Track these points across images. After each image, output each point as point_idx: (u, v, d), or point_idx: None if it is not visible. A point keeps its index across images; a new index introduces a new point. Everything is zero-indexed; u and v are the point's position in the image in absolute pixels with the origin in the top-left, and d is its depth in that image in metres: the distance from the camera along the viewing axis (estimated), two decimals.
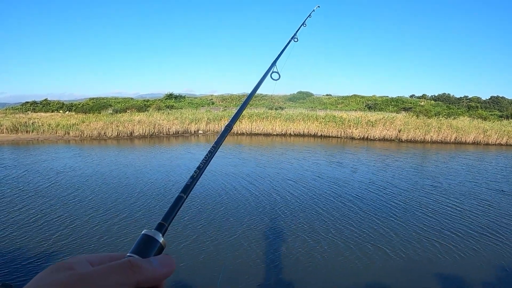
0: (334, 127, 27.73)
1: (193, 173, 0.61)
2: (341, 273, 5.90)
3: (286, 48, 1.35)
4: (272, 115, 29.80)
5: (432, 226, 8.12)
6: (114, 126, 24.61)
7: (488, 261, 6.43)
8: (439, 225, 8.20)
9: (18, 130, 23.92)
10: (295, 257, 6.38)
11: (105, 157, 16.39)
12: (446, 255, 6.63)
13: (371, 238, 7.31)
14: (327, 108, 42.23)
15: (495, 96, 58.23)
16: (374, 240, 7.21)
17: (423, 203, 9.98)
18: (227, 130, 0.75)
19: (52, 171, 13.07)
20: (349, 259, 6.39)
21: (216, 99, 50.54)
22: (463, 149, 22.94)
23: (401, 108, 43.40)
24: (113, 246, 6.57)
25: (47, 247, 6.51)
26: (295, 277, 5.71)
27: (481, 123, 28.66)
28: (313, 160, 16.79)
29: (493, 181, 13.32)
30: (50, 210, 8.58)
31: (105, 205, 9.08)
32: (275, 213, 8.75)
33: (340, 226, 7.99)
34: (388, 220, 8.41)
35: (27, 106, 39.42)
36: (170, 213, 0.53)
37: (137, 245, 0.46)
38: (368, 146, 23.24)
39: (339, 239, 7.23)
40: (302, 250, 6.69)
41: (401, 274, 5.92)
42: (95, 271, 0.38)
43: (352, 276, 5.81)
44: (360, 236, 7.41)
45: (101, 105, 38.14)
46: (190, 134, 27.47)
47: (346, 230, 7.73)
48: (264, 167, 14.56)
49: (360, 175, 13.48)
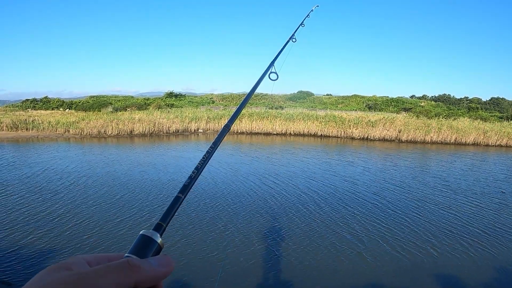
0: (334, 127, 27.73)
1: (191, 173, 0.61)
2: (341, 273, 5.90)
3: (284, 48, 1.36)
4: (272, 115, 29.79)
5: (432, 225, 8.13)
6: (114, 124, 24.60)
7: (489, 261, 6.43)
8: (439, 224, 8.21)
9: (18, 127, 23.92)
10: (294, 257, 6.38)
11: (105, 156, 16.38)
12: (446, 254, 6.63)
13: (371, 238, 7.32)
14: (327, 108, 42.19)
15: (496, 97, 58.21)
16: (374, 240, 7.22)
17: (423, 203, 9.98)
18: (225, 130, 0.76)
19: (51, 170, 13.07)
20: (348, 258, 6.40)
21: (216, 98, 50.46)
22: (463, 150, 22.94)
23: (401, 109, 43.38)
24: (110, 247, 6.56)
25: (45, 246, 6.50)
26: (294, 277, 5.71)
27: (481, 124, 28.65)
28: (312, 159, 16.79)
29: (494, 181, 13.34)
30: (49, 209, 8.58)
31: (103, 205, 9.07)
32: (273, 213, 8.75)
33: (340, 225, 8.00)
34: (388, 220, 8.41)
35: (27, 104, 39.41)
36: (168, 214, 0.53)
37: (135, 246, 0.46)
38: (368, 146, 23.24)
39: (338, 239, 7.24)
40: (300, 249, 6.69)
41: (402, 274, 5.92)
42: (93, 271, 0.38)
43: (352, 276, 5.82)
44: (360, 236, 7.41)
45: (101, 103, 38.12)
46: (190, 132, 27.47)
47: (346, 230, 7.74)
48: (263, 166, 14.56)
49: (360, 175, 13.49)
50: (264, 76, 1.11)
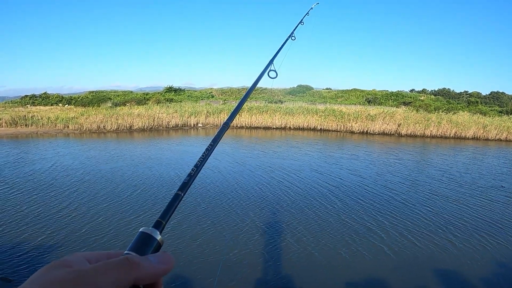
0: (334, 121, 27.70)
1: (190, 171, 0.61)
2: (341, 272, 5.92)
3: (284, 46, 1.36)
4: (272, 109, 29.73)
5: (432, 224, 8.17)
6: (113, 119, 24.55)
7: (489, 259, 6.48)
8: (439, 223, 8.26)
9: (17, 123, 23.85)
10: (294, 255, 6.40)
11: (104, 151, 16.39)
12: (447, 253, 6.67)
13: (370, 238, 7.37)
14: (327, 102, 42.07)
15: (495, 91, 58.03)
16: (374, 239, 7.27)
17: (431, 195, 10.07)
18: (225, 127, 0.77)
19: (51, 165, 13.08)
20: (348, 257, 6.44)
21: (215, 92, 50.28)
22: (463, 144, 22.97)
23: (401, 103, 43.27)
24: (110, 244, 6.57)
25: (46, 243, 6.54)
26: (294, 276, 5.73)
27: (481, 118, 28.62)
28: (317, 152, 16.81)
29: (498, 175, 13.43)
30: (48, 206, 8.61)
31: (102, 202, 9.09)
32: (273, 210, 8.79)
33: (340, 224, 8.04)
34: (388, 218, 8.45)
35: (26, 100, 39.22)
36: (168, 211, 0.53)
37: (134, 243, 0.46)
38: (368, 140, 23.25)
39: (339, 238, 7.28)
40: (301, 248, 6.71)
41: (402, 273, 5.96)
42: (93, 268, 0.38)
43: (352, 276, 5.87)
44: (360, 236, 7.46)
45: (100, 98, 37.98)
46: (189, 127, 27.44)
47: (346, 230, 7.78)
48: (264, 162, 14.57)
49: (366, 169, 13.51)
50: (263, 74, 1.12)
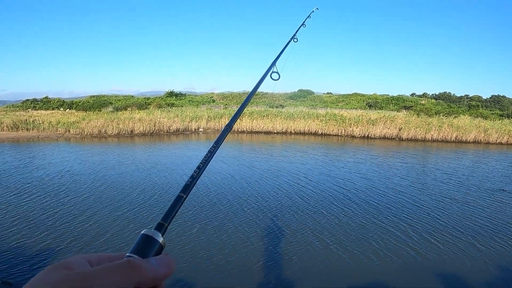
0: (335, 125, 27.72)
1: (192, 173, 0.61)
2: (341, 273, 5.90)
3: (286, 48, 1.36)
4: (273, 113, 29.78)
5: (432, 225, 8.13)
6: (114, 124, 24.61)
7: (489, 260, 6.43)
8: (440, 223, 8.21)
9: (19, 127, 23.94)
10: (295, 257, 6.37)
11: (105, 155, 16.40)
12: (447, 254, 6.63)
13: (370, 237, 7.33)
14: (328, 106, 42.11)
15: (496, 95, 58.01)
16: (374, 239, 7.23)
17: (443, 198, 10.07)
18: (227, 130, 0.76)
19: (53, 170, 13.10)
20: (348, 258, 6.40)
21: (216, 97, 50.46)
22: (465, 148, 22.93)
23: (402, 107, 43.31)
24: (112, 246, 6.56)
25: (47, 245, 6.52)
26: (295, 277, 5.71)
27: (481, 122, 28.58)
28: (322, 156, 16.79)
29: (504, 177, 13.48)
30: (50, 209, 8.60)
31: (104, 204, 9.09)
32: (274, 212, 8.76)
33: (340, 225, 8.00)
34: (388, 219, 8.41)
35: (27, 104, 39.42)
36: (170, 213, 0.53)
37: (136, 245, 0.46)
38: (369, 144, 23.23)
39: (339, 239, 7.24)
40: (302, 250, 6.68)
41: (402, 273, 5.93)
42: (94, 271, 0.38)
43: (352, 276, 5.83)
44: (360, 236, 7.42)
45: (102, 102, 38.15)
46: (190, 132, 27.47)
47: (346, 229, 7.75)
48: (264, 166, 14.55)
49: (360, 174, 13.48)
50: (265, 76, 1.11)
